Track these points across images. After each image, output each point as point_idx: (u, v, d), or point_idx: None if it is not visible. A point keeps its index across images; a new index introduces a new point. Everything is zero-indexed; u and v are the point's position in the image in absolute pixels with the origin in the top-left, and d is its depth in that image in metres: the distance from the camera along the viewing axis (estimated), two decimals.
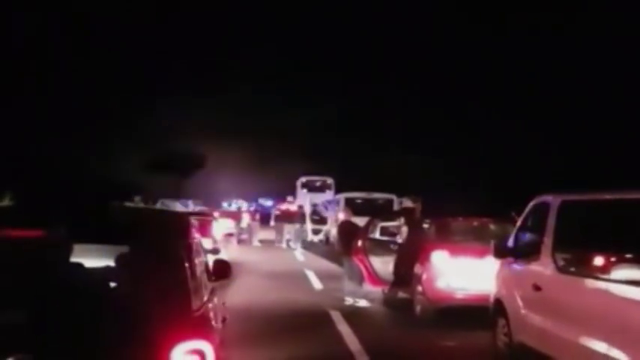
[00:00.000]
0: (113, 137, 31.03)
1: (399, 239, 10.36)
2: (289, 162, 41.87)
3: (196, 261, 3.65)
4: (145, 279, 3.19)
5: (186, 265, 3.35)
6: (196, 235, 4.02)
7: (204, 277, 3.94)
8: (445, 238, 8.99)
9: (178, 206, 22.16)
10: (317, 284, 12.36)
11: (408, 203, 10.29)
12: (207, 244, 8.01)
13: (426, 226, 9.62)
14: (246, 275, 12.88)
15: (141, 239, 3.36)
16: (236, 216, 23.56)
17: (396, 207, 19.25)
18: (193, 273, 3.42)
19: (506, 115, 26.30)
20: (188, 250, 3.50)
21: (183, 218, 3.98)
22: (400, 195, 17.90)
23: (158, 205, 18.44)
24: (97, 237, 3.35)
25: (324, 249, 20.75)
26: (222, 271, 4.37)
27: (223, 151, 39.94)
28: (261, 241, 22.81)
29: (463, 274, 8.43)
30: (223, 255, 10.33)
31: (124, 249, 3.39)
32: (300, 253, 19.46)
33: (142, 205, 13.08)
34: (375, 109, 35.24)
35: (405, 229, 9.97)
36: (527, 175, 21.18)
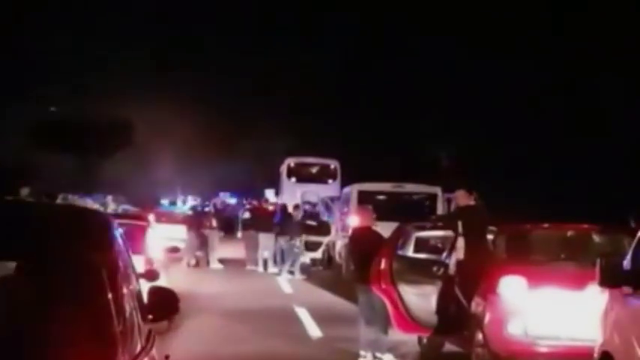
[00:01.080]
0: None
1: (447, 258, 10.35)
2: (267, 138, 42.24)
3: (124, 289, 3.63)
4: (40, 318, 3.14)
5: (109, 295, 3.32)
6: (124, 248, 4.02)
7: (136, 315, 3.89)
8: (521, 257, 9.08)
9: (89, 204, 22.16)
10: (314, 330, 12.42)
11: (464, 200, 10.25)
12: (137, 264, 7.92)
13: (490, 237, 9.65)
14: (202, 315, 12.95)
15: (33, 253, 3.36)
16: (187, 221, 23.59)
17: (441, 206, 19.26)
18: (120, 308, 3.40)
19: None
20: (112, 272, 3.49)
21: (102, 219, 4.00)
22: (448, 187, 17.95)
23: (59, 202, 18.48)
24: None
25: (325, 274, 20.78)
26: (164, 305, 4.39)
27: (164, 122, 40.23)
28: (222, 262, 22.84)
29: (549, 313, 8.49)
30: (163, 281, 10.29)
31: (3, 269, 3.34)
32: (286, 281, 19.52)
33: (31, 200, 13.00)
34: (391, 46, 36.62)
35: (459, 243, 9.95)
36: None
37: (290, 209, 23.85)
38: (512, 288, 8.63)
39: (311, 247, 22.27)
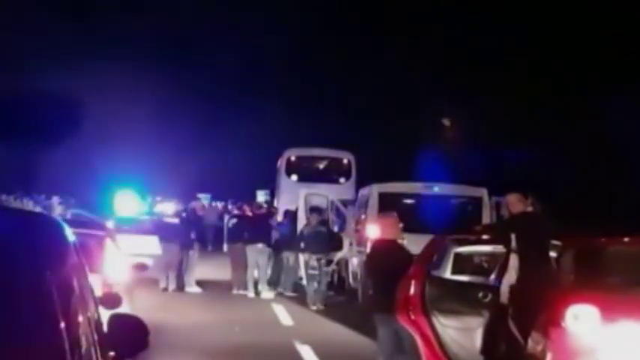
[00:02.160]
0: None
1: (497, 281, 10.37)
2: (259, 124, 42.37)
3: (81, 317, 3.67)
4: None
5: (61, 325, 3.33)
6: (81, 264, 4.06)
7: (95, 352, 3.94)
8: (594, 280, 9.15)
9: (29, 207, 22.20)
10: None
11: (518, 206, 10.28)
12: (94, 285, 7.94)
13: (553, 254, 9.66)
14: (176, 353, 13.01)
15: None
16: (161, 229, 23.66)
17: (487, 214, 19.25)
18: (74, 342, 3.42)
19: None
20: (65, 294, 3.50)
21: (52, 225, 4.02)
22: (497, 190, 17.89)
23: None
24: None
25: (336, 301, 20.78)
26: (130, 338, 4.48)
27: (126, 104, 40.38)
28: (201, 284, 22.88)
29: (629, 353, 8.55)
30: (126, 308, 10.31)
31: None
32: (282, 309, 19.54)
33: None
34: None
35: (512, 261, 9.95)
36: None
37: (279, 217, 24.02)
38: (581, 321, 8.66)
39: (316, 265, 22.27)
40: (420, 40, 37.19)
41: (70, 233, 4.03)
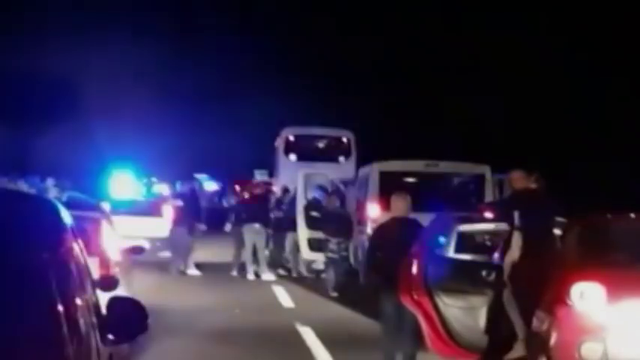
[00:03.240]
0: None
1: (500, 260, 10.37)
2: (257, 102, 42.38)
3: (79, 300, 3.67)
4: None
5: (59, 307, 3.33)
6: (78, 246, 4.06)
7: (94, 335, 3.96)
8: (600, 258, 9.14)
9: (24, 189, 22.17)
10: (323, 356, 12.44)
11: (522, 182, 10.28)
12: (91, 268, 7.98)
13: (557, 232, 9.67)
14: (176, 336, 13.00)
15: None
16: (155, 209, 23.68)
17: (490, 191, 19.25)
18: (72, 325, 3.44)
19: None
20: (62, 276, 3.51)
21: (49, 206, 4.03)
22: (499, 167, 17.86)
23: None
24: None
25: (337, 281, 20.82)
26: (129, 322, 4.49)
27: (120, 78, 40.39)
28: (200, 267, 22.91)
29: (636, 331, 8.55)
30: (122, 290, 10.32)
31: None
32: (283, 291, 19.58)
33: None
34: None
35: (515, 239, 9.95)
36: None
37: (278, 192, 24.12)
38: (587, 299, 8.67)
39: (316, 246, 22.24)
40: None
41: (66, 215, 4.06)
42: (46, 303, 3.31)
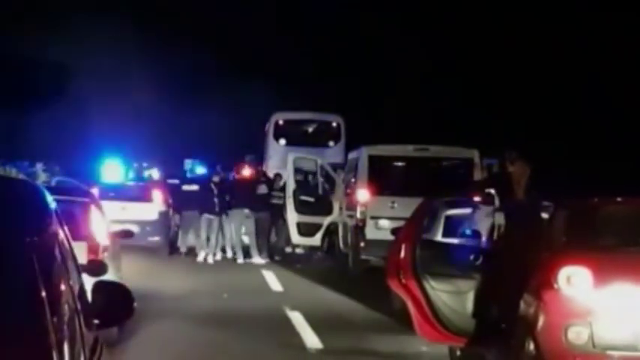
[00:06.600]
0: None
1: (488, 243, 10.38)
2: (247, 89, 42.32)
3: (63, 284, 3.65)
4: None
5: (42, 293, 3.31)
6: (63, 231, 4.04)
7: (78, 319, 3.94)
8: (587, 241, 9.12)
9: (13, 174, 22.17)
10: (311, 340, 12.49)
11: (520, 170, 10.31)
12: (78, 253, 7.97)
13: (545, 215, 9.69)
14: (164, 320, 13.03)
15: None
16: (145, 194, 23.70)
17: (477, 176, 19.26)
18: (56, 310, 3.41)
19: None
20: (46, 260, 3.48)
21: (33, 190, 4.01)
22: (489, 151, 17.91)
23: None
24: None
25: (325, 267, 20.84)
26: (115, 306, 4.49)
27: (109, 63, 40.32)
28: (190, 251, 22.97)
29: (622, 315, 8.54)
30: (111, 275, 10.33)
31: None
32: (272, 275, 19.60)
33: None
34: None
35: (499, 220, 9.96)
36: None
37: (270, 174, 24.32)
38: (574, 283, 8.65)
39: (306, 230, 22.30)
40: None
41: (50, 199, 4.02)
42: (28, 288, 3.29)
